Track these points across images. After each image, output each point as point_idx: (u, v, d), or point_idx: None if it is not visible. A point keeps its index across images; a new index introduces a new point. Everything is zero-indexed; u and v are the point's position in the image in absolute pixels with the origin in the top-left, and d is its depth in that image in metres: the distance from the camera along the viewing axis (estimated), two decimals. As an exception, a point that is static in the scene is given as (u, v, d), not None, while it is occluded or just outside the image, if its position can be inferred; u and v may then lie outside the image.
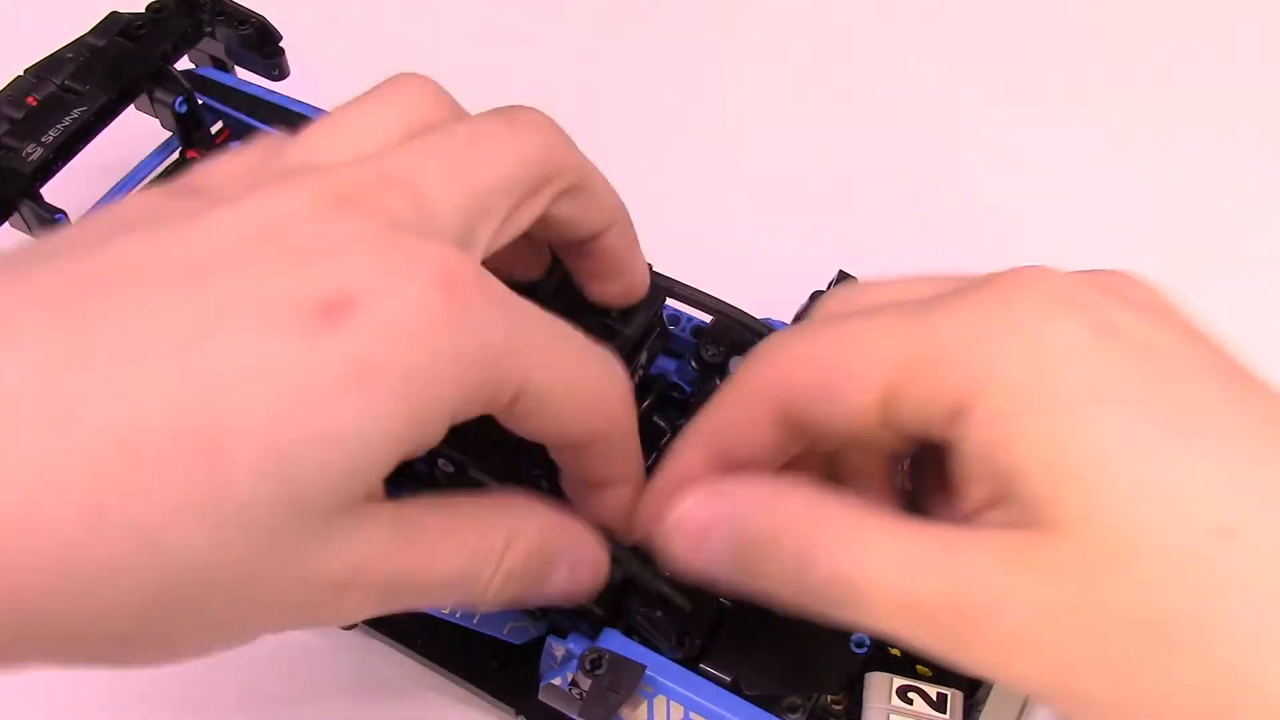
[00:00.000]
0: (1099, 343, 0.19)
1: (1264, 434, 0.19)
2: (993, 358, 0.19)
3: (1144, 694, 0.18)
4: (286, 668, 0.33)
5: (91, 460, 0.15)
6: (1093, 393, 0.19)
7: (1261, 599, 0.17)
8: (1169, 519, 0.18)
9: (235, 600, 0.17)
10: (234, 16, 0.37)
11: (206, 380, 0.16)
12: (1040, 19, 0.50)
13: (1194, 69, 0.49)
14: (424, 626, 0.30)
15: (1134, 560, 0.18)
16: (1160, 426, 0.19)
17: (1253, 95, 0.48)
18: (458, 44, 0.48)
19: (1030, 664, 0.19)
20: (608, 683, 0.24)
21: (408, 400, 0.18)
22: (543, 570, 0.22)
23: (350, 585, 0.19)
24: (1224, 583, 0.18)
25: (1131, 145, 0.46)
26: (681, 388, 0.30)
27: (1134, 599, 0.18)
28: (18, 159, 0.32)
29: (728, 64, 0.49)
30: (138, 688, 0.32)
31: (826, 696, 0.26)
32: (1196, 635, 0.18)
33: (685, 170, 0.44)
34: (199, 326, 0.17)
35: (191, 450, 0.16)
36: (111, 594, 0.16)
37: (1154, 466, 0.18)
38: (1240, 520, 0.18)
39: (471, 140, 0.21)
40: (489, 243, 0.21)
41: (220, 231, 0.18)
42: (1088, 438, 0.19)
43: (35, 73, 0.34)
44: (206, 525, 0.16)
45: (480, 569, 0.21)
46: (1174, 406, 0.19)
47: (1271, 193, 0.45)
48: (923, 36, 0.50)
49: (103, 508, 0.15)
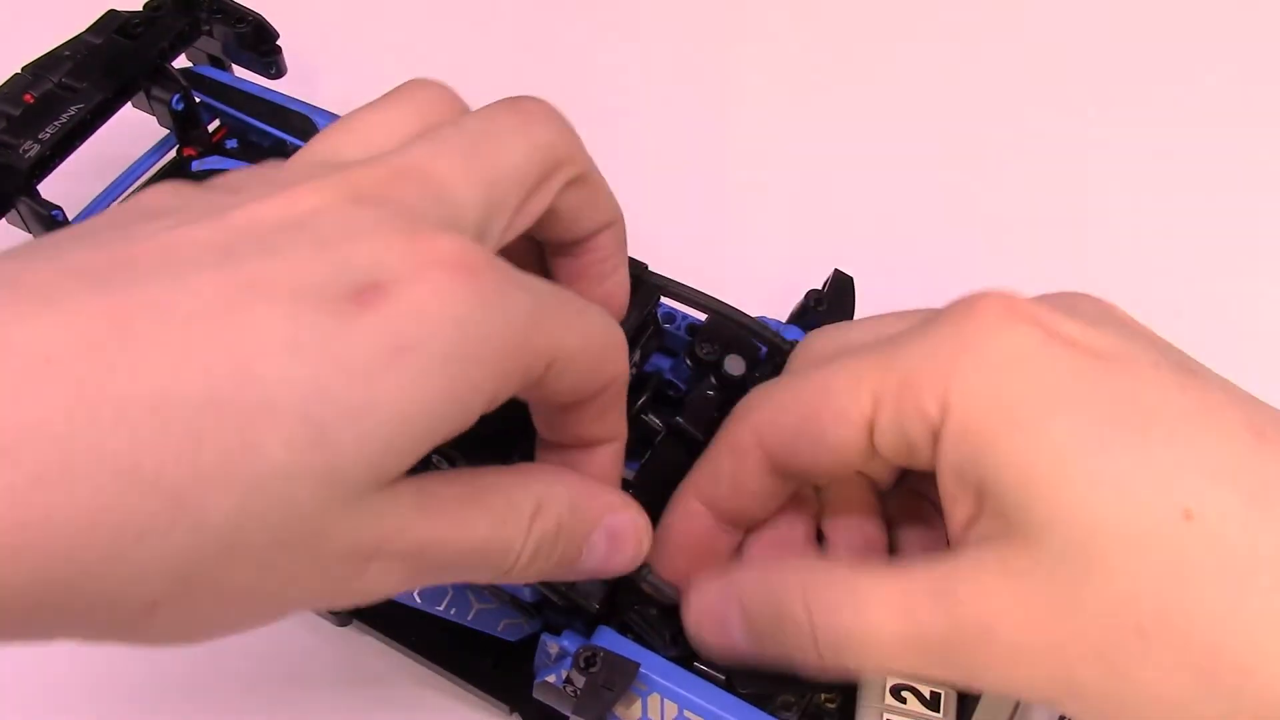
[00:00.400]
0: (1049, 351, 0.20)
1: (1213, 419, 0.19)
2: (952, 376, 0.20)
3: (1133, 681, 0.19)
4: (283, 665, 0.33)
5: (127, 422, 0.15)
6: (1047, 399, 0.20)
7: (1230, 576, 0.18)
8: (1132, 508, 0.19)
9: (260, 569, 0.17)
10: (231, 15, 0.37)
11: (241, 351, 0.16)
12: (1040, 20, 0.51)
13: (1193, 71, 0.49)
14: (419, 624, 0.30)
15: (1106, 553, 0.19)
16: (1114, 423, 0.19)
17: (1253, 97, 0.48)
18: (454, 43, 0.49)
19: (1031, 670, 0.20)
20: (602, 680, 0.24)
21: (444, 379, 0.18)
22: (577, 539, 0.22)
23: (374, 558, 0.19)
24: (1192, 564, 0.18)
25: (1130, 149, 0.46)
26: (676, 385, 0.30)
27: (1112, 590, 0.19)
28: (15, 155, 0.32)
29: (724, 63, 0.49)
30: (136, 685, 0.32)
31: (820, 694, 0.26)
32: (1174, 619, 0.18)
33: (681, 169, 0.45)
34: (233, 302, 0.17)
35: (224, 418, 0.16)
36: (141, 554, 0.16)
37: (1111, 461, 0.19)
38: (1199, 502, 0.18)
39: (484, 132, 0.21)
40: (501, 234, 0.21)
41: (248, 221, 0.18)
42: (1046, 443, 0.19)
43: (33, 70, 0.35)
44: (236, 492, 0.16)
45: (509, 539, 0.21)
46: (1126, 403, 0.19)
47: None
48: (922, 37, 0.50)
49: (136, 468, 0.15)
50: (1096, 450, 0.19)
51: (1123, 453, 0.19)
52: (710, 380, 0.29)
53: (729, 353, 0.29)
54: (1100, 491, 0.19)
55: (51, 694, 0.32)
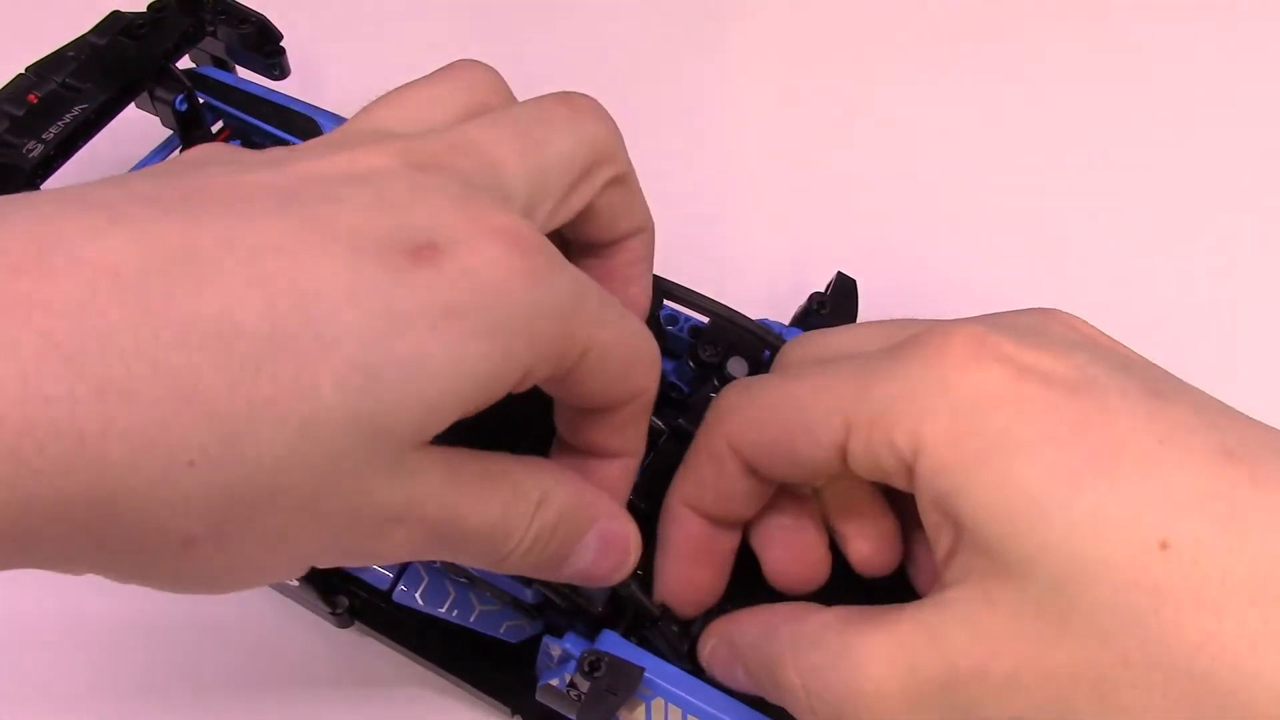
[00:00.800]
0: (1018, 389, 0.20)
1: (1182, 445, 0.19)
2: (923, 417, 0.21)
3: (1124, 710, 0.19)
4: (284, 666, 0.33)
5: (189, 344, 0.15)
6: (1018, 437, 0.20)
7: (1207, 602, 0.18)
8: (1109, 543, 0.19)
9: (297, 514, 0.17)
10: (235, 16, 0.37)
11: (303, 290, 0.16)
12: (1040, 21, 0.51)
13: (1192, 74, 0.49)
14: (421, 625, 0.30)
15: (1088, 587, 0.19)
16: (1085, 458, 0.19)
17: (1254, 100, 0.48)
18: (456, 43, 0.48)
19: (1025, 704, 0.20)
20: (606, 685, 0.24)
21: (491, 342, 0.18)
22: (571, 538, 0.22)
23: (403, 520, 0.19)
24: (1170, 593, 0.18)
25: (1131, 152, 0.46)
26: (680, 388, 0.30)
27: (1096, 623, 0.19)
28: (18, 155, 0.32)
29: (726, 65, 0.49)
30: (136, 684, 0.32)
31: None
32: (1156, 648, 0.18)
33: (683, 171, 0.45)
34: (297, 242, 0.17)
35: (284, 352, 0.16)
36: (189, 482, 0.16)
37: (1085, 497, 0.19)
38: (1173, 532, 0.19)
39: (536, 120, 0.22)
40: (544, 223, 0.22)
41: (311, 173, 0.19)
42: (1020, 482, 0.19)
43: (37, 70, 0.34)
44: (287, 429, 0.16)
45: (513, 524, 0.21)
46: (1096, 437, 0.20)
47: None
48: (921, 38, 0.50)
49: (194, 391, 0.15)
50: (1069, 487, 0.19)
51: (1095, 488, 0.19)
52: (713, 382, 0.29)
53: (731, 355, 0.29)
54: (1077, 528, 0.19)
55: (51, 692, 0.32)
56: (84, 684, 0.32)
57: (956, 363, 0.21)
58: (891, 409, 0.21)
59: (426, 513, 0.19)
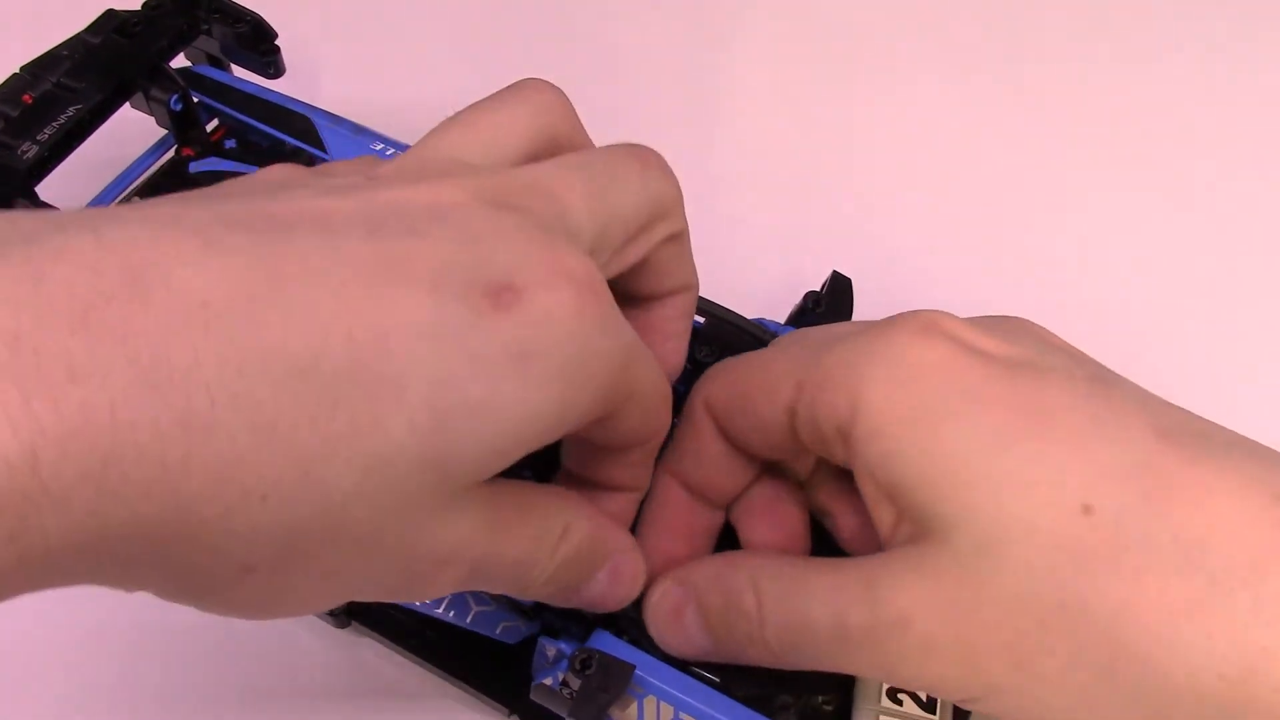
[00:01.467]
0: (959, 362, 0.21)
1: (1117, 421, 0.20)
2: (864, 380, 0.21)
3: (1039, 675, 0.19)
4: (282, 666, 0.33)
5: (271, 377, 0.15)
6: (952, 402, 0.20)
7: (1127, 568, 0.18)
8: (1032, 505, 0.19)
9: (354, 550, 0.17)
10: (230, 14, 0.37)
11: (384, 325, 0.16)
12: (1040, 22, 0.50)
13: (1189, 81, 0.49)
14: (418, 625, 0.30)
15: (1009, 548, 0.19)
16: (1016, 424, 0.20)
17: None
18: (452, 43, 0.49)
19: (944, 665, 0.20)
20: (597, 683, 0.24)
21: (556, 390, 0.18)
22: (588, 568, 0.23)
23: (451, 562, 0.19)
24: (1090, 557, 0.18)
25: (1129, 153, 0.46)
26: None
27: (1015, 585, 0.19)
28: (13, 156, 0.32)
29: (722, 64, 0.49)
30: (138, 684, 0.32)
31: (817, 696, 0.26)
32: (1074, 611, 0.19)
33: (679, 171, 0.44)
34: (381, 275, 0.17)
35: (359, 389, 0.16)
36: (259, 515, 0.16)
37: (1012, 460, 0.19)
38: (1097, 496, 0.19)
39: (607, 169, 0.22)
40: (602, 269, 0.22)
41: (394, 203, 0.18)
42: (949, 445, 0.20)
43: (31, 70, 0.34)
44: (357, 467, 0.16)
45: (539, 556, 0.21)
46: (1031, 407, 0.20)
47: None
48: (920, 38, 0.50)
49: (273, 426, 0.15)
50: (997, 450, 0.19)
51: (1023, 452, 0.19)
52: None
53: (727, 354, 0.29)
54: (1002, 490, 0.19)
55: (51, 691, 0.32)
56: (83, 682, 0.32)
57: (904, 338, 0.21)
58: (835, 373, 0.22)
59: (472, 553, 0.19)
